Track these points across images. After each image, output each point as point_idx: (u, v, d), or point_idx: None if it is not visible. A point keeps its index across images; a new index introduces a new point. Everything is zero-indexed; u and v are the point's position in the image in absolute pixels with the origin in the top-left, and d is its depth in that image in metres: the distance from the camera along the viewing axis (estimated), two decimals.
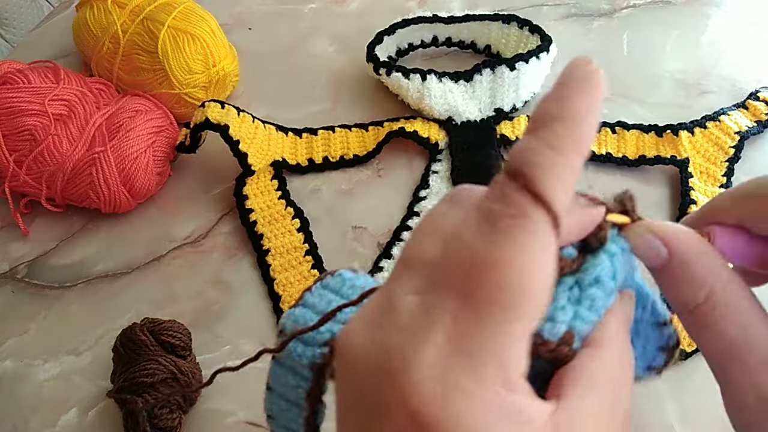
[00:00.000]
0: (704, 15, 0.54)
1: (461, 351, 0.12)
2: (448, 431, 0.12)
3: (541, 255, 0.12)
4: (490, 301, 0.12)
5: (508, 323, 0.12)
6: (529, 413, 0.13)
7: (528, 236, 0.12)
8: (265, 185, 0.44)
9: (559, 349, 0.15)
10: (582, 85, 0.13)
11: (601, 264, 0.16)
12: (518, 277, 0.12)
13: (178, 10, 0.45)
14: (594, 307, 0.15)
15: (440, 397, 0.12)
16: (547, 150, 0.13)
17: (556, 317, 0.15)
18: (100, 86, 0.45)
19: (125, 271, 0.41)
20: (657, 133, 0.44)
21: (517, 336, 0.13)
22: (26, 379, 0.37)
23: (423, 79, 0.45)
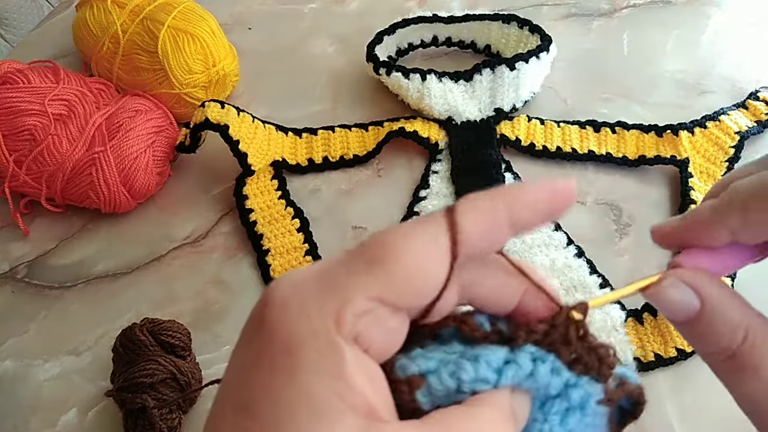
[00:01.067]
0: (704, 15, 0.54)
1: (320, 279, 0.14)
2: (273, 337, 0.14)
3: (427, 247, 0.14)
4: (365, 248, 0.14)
5: (366, 271, 0.14)
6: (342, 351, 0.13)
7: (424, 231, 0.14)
8: (265, 185, 0.44)
9: (400, 388, 0.14)
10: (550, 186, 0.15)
11: (494, 352, 0.15)
12: (398, 252, 0.14)
13: (177, 10, 0.45)
14: (455, 377, 0.14)
15: (282, 305, 0.14)
16: (484, 195, 0.15)
17: (415, 358, 0.15)
18: (99, 86, 0.45)
19: (125, 271, 0.41)
20: (657, 133, 0.44)
21: (368, 287, 0.14)
22: (26, 379, 0.37)
23: (423, 78, 0.45)
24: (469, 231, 0.14)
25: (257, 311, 0.14)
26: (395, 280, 0.14)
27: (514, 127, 0.45)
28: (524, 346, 0.15)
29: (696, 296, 0.17)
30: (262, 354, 0.14)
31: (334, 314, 0.13)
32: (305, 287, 0.14)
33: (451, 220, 0.14)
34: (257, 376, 0.14)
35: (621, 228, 0.42)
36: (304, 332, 0.13)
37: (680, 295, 0.17)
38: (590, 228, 0.42)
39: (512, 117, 0.46)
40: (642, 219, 0.42)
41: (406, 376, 0.15)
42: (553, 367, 0.15)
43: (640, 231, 0.41)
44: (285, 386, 0.13)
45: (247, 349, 0.14)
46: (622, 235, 0.41)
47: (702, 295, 0.17)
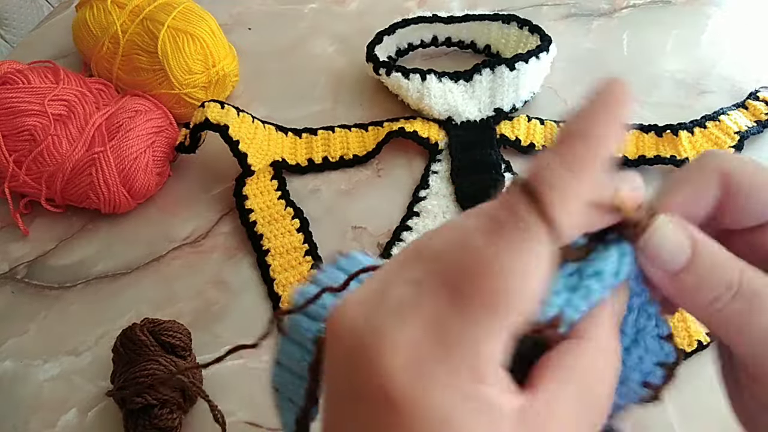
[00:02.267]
0: (704, 15, 0.54)
1: (439, 341, 0.13)
2: (416, 416, 0.12)
3: (536, 268, 0.13)
4: (477, 300, 0.13)
5: (489, 323, 0.13)
6: (500, 405, 0.13)
7: (527, 249, 0.13)
8: (265, 185, 0.44)
9: (546, 331, 0.15)
10: (606, 104, 0.14)
11: (607, 258, 0.15)
12: (508, 284, 0.13)
13: (177, 10, 0.45)
14: (588, 298, 0.15)
15: (411, 381, 0.13)
16: (562, 169, 0.13)
17: (549, 300, 0.15)
18: (99, 86, 0.45)
19: (125, 271, 0.41)
20: (657, 133, 0.44)
21: (496, 334, 0.13)
22: (26, 379, 0.37)
23: (423, 79, 0.45)
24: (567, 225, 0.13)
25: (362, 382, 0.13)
26: (518, 316, 0.13)
27: (513, 127, 0.45)
28: (619, 245, 0.16)
29: (690, 240, 0.15)
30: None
31: (473, 373, 0.13)
32: (427, 357, 0.13)
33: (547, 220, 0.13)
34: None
35: None
36: (456, 410, 0.12)
37: (678, 238, 0.15)
38: None
39: (512, 117, 0.46)
40: None
41: (549, 320, 0.15)
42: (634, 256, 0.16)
43: None
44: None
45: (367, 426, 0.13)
46: None
47: (693, 237, 0.15)
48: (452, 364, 0.13)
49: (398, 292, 0.14)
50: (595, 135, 0.14)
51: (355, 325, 0.14)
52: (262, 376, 0.21)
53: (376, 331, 0.13)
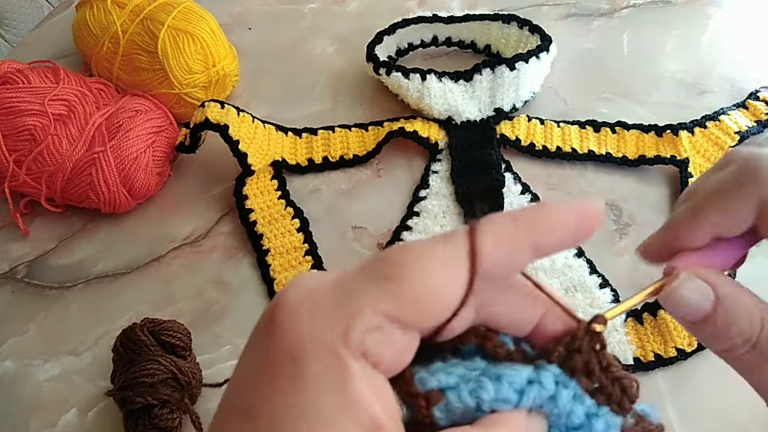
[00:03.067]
0: (704, 15, 0.54)
1: (335, 290, 0.14)
2: (284, 335, 0.13)
3: (442, 262, 0.14)
4: (379, 263, 0.14)
5: (378, 288, 0.14)
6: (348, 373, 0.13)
7: (441, 253, 0.14)
8: (265, 185, 0.44)
9: (418, 402, 0.14)
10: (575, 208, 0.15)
11: (518, 372, 0.15)
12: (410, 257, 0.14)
13: (177, 10, 0.45)
14: (475, 396, 0.14)
15: (298, 305, 0.14)
16: (507, 216, 0.15)
17: (435, 372, 0.15)
18: (99, 86, 0.45)
19: (125, 271, 0.41)
20: (657, 133, 0.44)
21: (379, 304, 0.13)
22: (26, 379, 0.37)
23: (423, 78, 0.45)
24: (488, 253, 0.14)
25: (268, 312, 0.14)
26: (408, 300, 0.14)
27: (514, 127, 0.45)
28: (548, 367, 0.15)
29: (711, 291, 0.16)
30: (268, 357, 0.14)
31: (344, 326, 0.13)
32: (319, 294, 0.14)
33: (472, 242, 0.14)
34: (260, 381, 0.13)
35: (621, 228, 0.42)
36: (311, 340, 0.13)
37: (696, 292, 0.16)
38: None
39: (512, 117, 0.46)
40: (642, 219, 0.42)
41: (425, 391, 0.14)
42: (575, 393, 0.15)
43: (640, 231, 0.41)
44: (287, 396, 0.13)
45: (254, 350, 0.14)
46: (621, 235, 0.41)
47: (716, 290, 0.16)
48: (331, 311, 0.13)
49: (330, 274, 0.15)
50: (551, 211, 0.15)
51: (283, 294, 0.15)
52: None
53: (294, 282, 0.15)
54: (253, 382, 0.14)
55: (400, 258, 0.14)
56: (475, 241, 0.14)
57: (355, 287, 0.14)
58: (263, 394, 0.13)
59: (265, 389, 0.13)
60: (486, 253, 0.14)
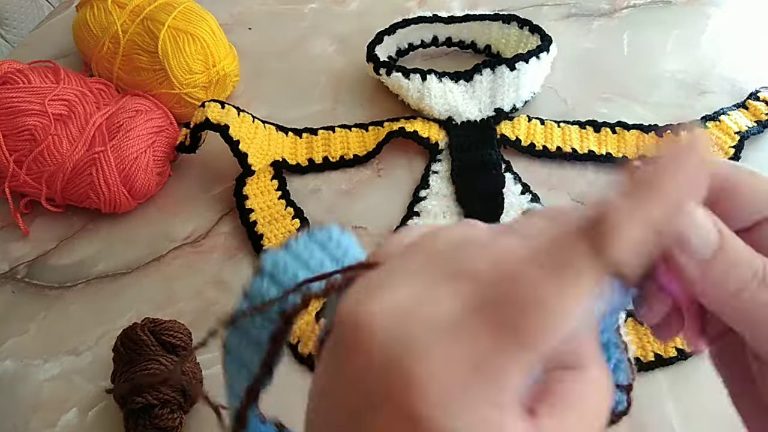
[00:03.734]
0: (704, 15, 0.54)
1: (473, 368, 0.13)
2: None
3: (573, 306, 0.13)
4: (519, 336, 0.13)
5: (524, 358, 0.13)
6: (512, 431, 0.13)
7: (575, 295, 0.13)
8: (265, 185, 0.44)
9: None
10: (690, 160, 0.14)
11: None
12: (545, 319, 0.13)
13: (178, 10, 0.45)
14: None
15: (438, 404, 0.12)
16: (634, 222, 0.13)
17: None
18: (100, 86, 0.45)
19: (125, 271, 0.41)
20: (657, 133, 0.44)
21: (526, 369, 0.13)
22: (26, 379, 0.37)
23: (423, 79, 0.45)
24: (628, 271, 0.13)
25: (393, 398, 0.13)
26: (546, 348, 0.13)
27: (514, 127, 0.45)
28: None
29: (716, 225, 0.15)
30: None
31: (502, 407, 0.13)
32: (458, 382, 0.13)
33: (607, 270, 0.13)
34: None
35: None
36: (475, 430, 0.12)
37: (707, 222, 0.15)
38: None
39: (512, 117, 0.46)
40: None
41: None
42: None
43: None
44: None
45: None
46: None
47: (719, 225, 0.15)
48: (482, 394, 0.13)
49: (441, 308, 0.14)
50: (670, 199, 0.13)
51: (388, 336, 0.13)
52: None
53: (413, 347, 0.13)
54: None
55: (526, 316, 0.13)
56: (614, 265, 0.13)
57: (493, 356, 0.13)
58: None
59: None
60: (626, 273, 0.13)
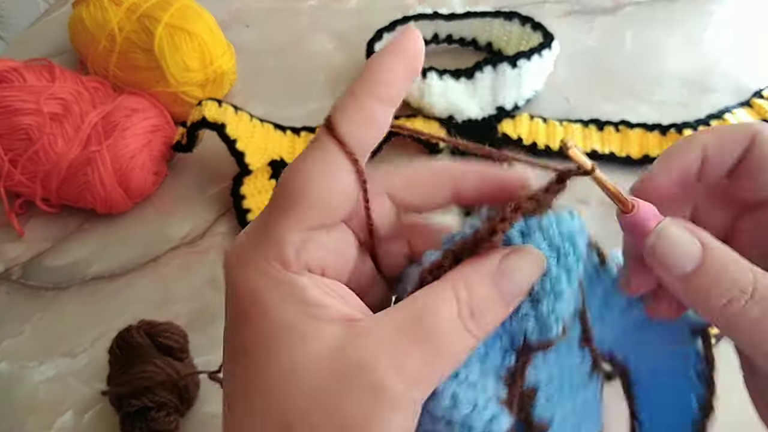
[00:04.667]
0: (708, 12, 0.54)
1: (254, 233, 0.16)
2: (235, 293, 0.16)
3: (321, 168, 0.16)
4: (282, 199, 0.16)
5: (290, 216, 0.16)
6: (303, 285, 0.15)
7: (319, 158, 0.16)
8: (263, 185, 0.43)
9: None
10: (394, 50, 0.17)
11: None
12: (304, 184, 0.16)
13: (174, 8, 0.45)
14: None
15: (232, 264, 0.16)
16: (347, 95, 0.17)
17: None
18: (96, 84, 0.45)
19: (121, 272, 0.41)
20: (661, 132, 0.44)
21: (297, 225, 0.16)
22: (21, 381, 0.37)
23: (423, 76, 0.44)
24: (353, 139, 0.16)
25: (225, 281, 0.16)
26: (314, 214, 0.16)
27: (516, 125, 0.45)
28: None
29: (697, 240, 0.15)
30: (237, 311, 0.16)
31: (278, 258, 0.15)
32: (247, 245, 0.16)
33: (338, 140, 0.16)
34: (240, 328, 0.16)
35: None
36: (260, 283, 0.15)
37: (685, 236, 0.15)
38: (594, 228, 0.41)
39: (514, 115, 0.45)
40: None
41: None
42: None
43: None
44: (260, 326, 0.15)
45: (228, 311, 0.16)
46: None
47: (701, 239, 0.15)
48: (261, 249, 0.16)
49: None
50: (376, 68, 0.17)
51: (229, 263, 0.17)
52: None
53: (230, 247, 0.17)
54: (239, 329, 0.16)
55: (289, 182, 0.16)
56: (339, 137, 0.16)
57: (267, 224, 0.16)
58: (247, 335, 0.15)
59: (247, 330, 0.15)
60: (351, 140, 0.16)
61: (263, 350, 0.15)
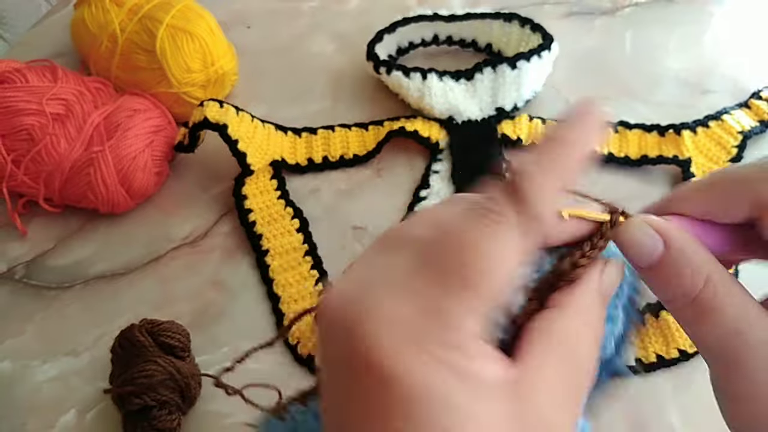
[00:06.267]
0: (707, 13, 0.54)
1: (423, 315, 0.14)
2: (405, 385, 0.13)
3: (507, 248, 0.14)
4: (459, 279, 0.14)
5: (470, 300, 0.14)
6: (485, 374, 0.14)
7: (503, 234, 0.14)
8: (264, 185, 0.43)
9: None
10: (581, 118, 0.16)
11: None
12: (487, 265, 0.14)
13: (176, 9, 0.45)
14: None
15: (396, 352, 0.13)
16: (538, 167, 0.15)
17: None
18: (98, 85, 0.45)
19: (123, 271, 0.41)
20: (659, 133, 0.44)
21: (475, 310, 0.14)
22: (24, 380, 0.37)
23: (423, 77, 0.45)
24: (543, 218, 0.15)
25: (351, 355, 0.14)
26: (493, 292, 0.14)
27: (515, 126, 0.45)
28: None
29: (660, 240, 0.17)
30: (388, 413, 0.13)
31: (458, 347, 0.13)
32: (411, 330, 0.13)
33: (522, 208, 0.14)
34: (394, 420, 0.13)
35: None
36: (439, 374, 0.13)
37: (645, 237, 0.17)
38: None
39: (514, 116, 0.45)
40: None
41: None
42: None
43: None
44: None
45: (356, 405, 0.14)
46: None
47: (666, 239, 0.17)
48: (436, 337, 0.13)
49: (383, 272, 0.15)
50: (569, 140, 0.16)
51: (343, 302, 0.14)
52: (261, 378, 0.21)
53: (363, 304, 0.14)
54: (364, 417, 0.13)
55: (464, 260, 0.14)
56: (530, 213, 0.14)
57: (441, 303, 0.14)
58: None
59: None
60: (542, 219, 0.15)
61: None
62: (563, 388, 0.15)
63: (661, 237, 0.17)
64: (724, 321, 0.16)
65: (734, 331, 0.16)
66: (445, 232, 0.15)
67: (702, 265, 0.16)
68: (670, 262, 0.17)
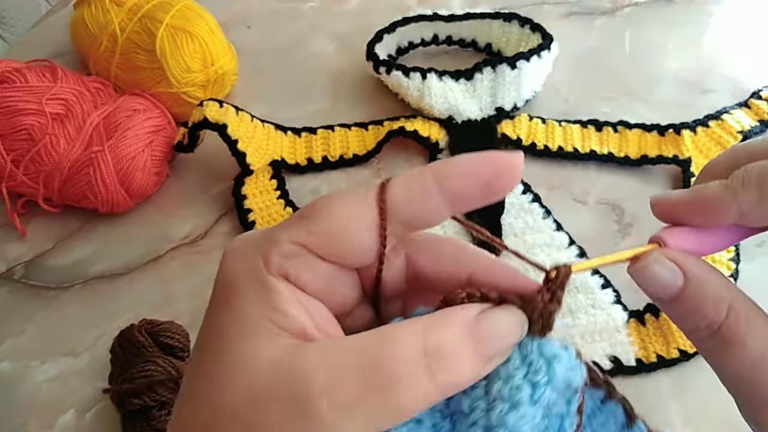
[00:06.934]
0: (706, 13, 0.54)
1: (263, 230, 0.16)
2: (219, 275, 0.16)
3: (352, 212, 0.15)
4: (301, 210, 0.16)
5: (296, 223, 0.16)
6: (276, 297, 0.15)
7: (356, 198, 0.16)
8: (264, 185, 0.43)
9: None
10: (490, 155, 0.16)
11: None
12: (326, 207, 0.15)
13: (176, 9, 0.45)
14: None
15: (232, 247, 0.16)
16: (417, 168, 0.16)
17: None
18: (97, 85, 0.45)
19: (123, 271, 0.41)
20: (659, 133, 0.44)
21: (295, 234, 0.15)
22: (24, 380, 0.37)
23: (423, 77, 0.45)
24: (396, 194, 0.15)
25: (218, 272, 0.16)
26: (318, 232, 0.15)
27: (515, 126, 0.45)
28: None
29: (680, 273, 0.17)
30: (213, 295, 0.16)
31: (264, 253, 0.15)
32: (249, 239, 0.16)
33: (381, 186, 0.15)
34: (208, 314, 0.16)
35: (623, 228, 0.41)
36: (241, 272, 0.15)
37: (665, 272, 0.17)
38: (592, 228, 0.42)
39: (513, 116, 0.45)
40: (644, 219, 0.41)
41: None
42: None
43: (643, 231, 0.41)
44: (224, 314, 0.15)
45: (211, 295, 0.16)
46: (624, 236, 0.41)
47: (686, 272, 0.17)
48: (256, 244, 0.15)
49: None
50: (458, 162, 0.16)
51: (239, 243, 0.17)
52: None
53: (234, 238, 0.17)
54: (206, 318, 0.16)
55: (317, 202, 0.16)
56: (384, 185, 0.15)
57: (277, 227, 0.16)
58: (208, 322, 0.15)
59: (210, 317, 0.15)
60: (394, 196, 0.15)
61: (216, 343, 0.15)
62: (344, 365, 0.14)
63: (679, 269, 0.17)
64: (747, 352, 0.16)
65: (760, 363, 0.16)
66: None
67: (723, 294, 0.16)
68: (691, 294, 0.17)
